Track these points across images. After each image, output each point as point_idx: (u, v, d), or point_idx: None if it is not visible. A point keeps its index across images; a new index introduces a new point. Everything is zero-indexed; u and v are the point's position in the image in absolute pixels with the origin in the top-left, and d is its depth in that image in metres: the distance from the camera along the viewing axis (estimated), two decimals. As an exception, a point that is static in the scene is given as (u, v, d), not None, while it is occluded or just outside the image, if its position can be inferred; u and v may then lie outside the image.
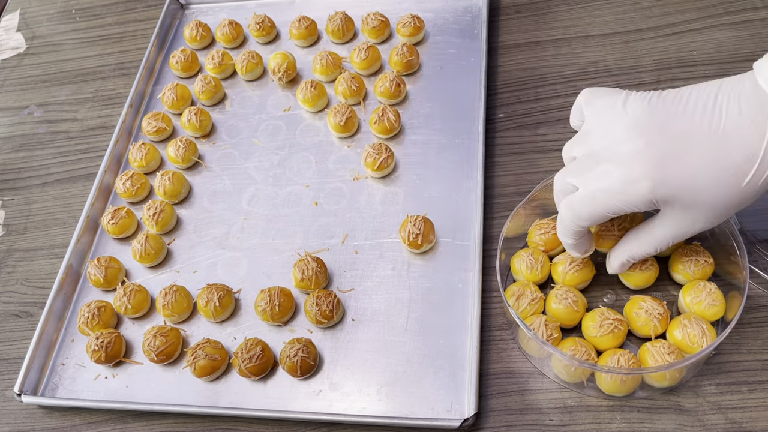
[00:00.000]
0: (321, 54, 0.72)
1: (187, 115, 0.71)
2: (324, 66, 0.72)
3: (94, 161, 0.74)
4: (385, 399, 0.54)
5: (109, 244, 0.67)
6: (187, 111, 0.71)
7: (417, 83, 0.72)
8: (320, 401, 0.54)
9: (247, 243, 0.64)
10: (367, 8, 0.78)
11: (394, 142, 0.68)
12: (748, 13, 0.69)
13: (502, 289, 0.51)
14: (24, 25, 0.91)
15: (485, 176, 0.62)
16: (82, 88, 0.82)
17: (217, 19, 0.82)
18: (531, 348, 0.53)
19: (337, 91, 0.71)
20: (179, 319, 0.60)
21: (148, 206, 0.65)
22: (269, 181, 0.68)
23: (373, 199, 0.65)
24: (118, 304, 0.60)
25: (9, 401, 0.60)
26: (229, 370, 0.57)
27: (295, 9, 0.81)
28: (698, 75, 0.66)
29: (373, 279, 0.60)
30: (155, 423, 0.56)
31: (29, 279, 0.67)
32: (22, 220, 0.72)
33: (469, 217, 0.61)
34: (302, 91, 0.70)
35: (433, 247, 0.60)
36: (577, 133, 0.47)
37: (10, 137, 0.79)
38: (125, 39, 0.85)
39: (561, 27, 0.73)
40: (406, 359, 0.55)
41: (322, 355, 0.57)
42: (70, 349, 0.61)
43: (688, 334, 0.48)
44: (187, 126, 0.71)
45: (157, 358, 0.57)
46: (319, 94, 0.70)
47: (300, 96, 0.70)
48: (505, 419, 0.52)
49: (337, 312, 0.57)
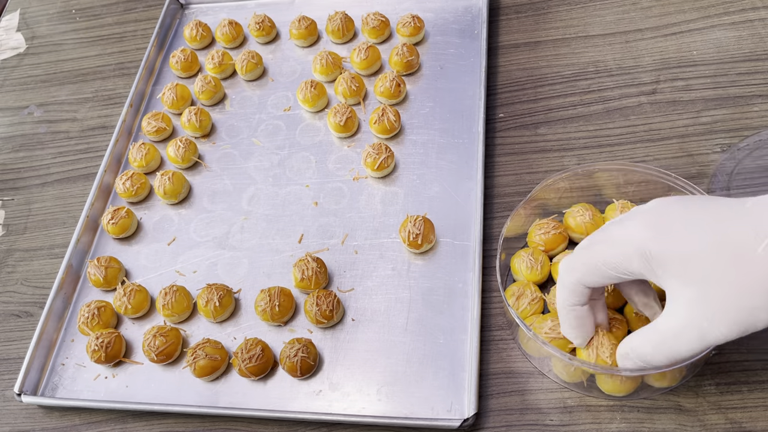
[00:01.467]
0: (321, 54, 0.72)
1: (186, 114, 0.71)
2: (324, 66, 0.72)
3: (94, 161, 0.74)
4: (385, 399, 0.54)
5: (109, 244, 0.67)
6: (187, 111, 0.71)
7: (417, 83, 0.72)
8: (320, 401, 0.54)
9: (247, 243, 0.64)
10: (367, 8, 0.78)
11: (394, 142, 0.68)
12: (748, 13, 0.69)
13: (502, 289, 0.51)
14: (24, 25, 0.91)
15: (485, 176, 0.62)
16: (82, 88, 0.82)
17: (217, 19, 0.82)
18: (531, 348, 0.53)
19: (337, 91, 0.71)
20: (179, 319, 0.60)
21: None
22: (269, 181, 0.68)
23: (373, 199, 0.65)
24: (118, 304, 0.60)
25: (9, 401, 0.60)
26: (229, 370, 0.57)
27: (295, 9, 0.81)
28: (698, 75, 0.66)
29: (373, 279, 0.60)
30: (155, 423, 0.56)
31: (29, 279, 0.67)
32: (22, 220, 0.72)
33: (469, 217, 0.61)
34: (302, 91, 0.70)
35: (433, 247, 0.60)
36: None
37: (10, 137, 0.79)
38: (125, 39, 0.85)
39: (561, 27, 0.73)
40: (406, 359, 0.55)
41: (322, 355, 0.57)
42: (70, 349, 0.61)
43: None
44: (187, 126, 0.71)
45: (157, 358, 0.57)
46: (319, 94, 0.70)
47: (300, 96, 0.70)
48: (505, 419, 0.52)
49: (337, 312, 0.57)
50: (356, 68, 0.72)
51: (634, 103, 0.66)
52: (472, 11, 0.75)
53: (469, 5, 0.76)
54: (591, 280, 0.42)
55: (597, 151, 0.63)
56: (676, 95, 0.65)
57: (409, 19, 0.73)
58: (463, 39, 0.73)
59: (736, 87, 0.65)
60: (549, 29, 0.73)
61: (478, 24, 0.74)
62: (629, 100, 0.66)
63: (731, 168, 0.58)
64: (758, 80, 0.64)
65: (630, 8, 0.73)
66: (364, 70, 0.72)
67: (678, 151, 0.62)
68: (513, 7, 0.76)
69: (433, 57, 0.73)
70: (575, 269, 0.42)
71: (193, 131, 0.71)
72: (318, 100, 0.70)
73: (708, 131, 0.62)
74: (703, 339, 0.38)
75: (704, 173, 0.60)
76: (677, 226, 0.38)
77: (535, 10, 0.75)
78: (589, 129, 0.65)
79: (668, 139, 0.63)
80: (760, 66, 0.65)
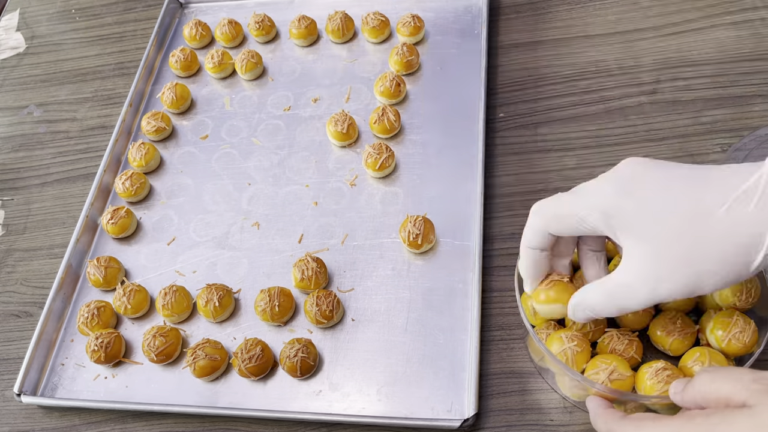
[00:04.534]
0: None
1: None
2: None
3: (94, 161, 0.74)
4: (385, 399, 0.54)
5: (108, 244, 0.67)
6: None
7: (417, 83, 0.72)
8: (320, 401, 0.54)
9: (247, 243, 0.64)
10: (367, 8, 0.78)
11: (394, 142, 0.68)
12: (748, 13, 0.69)
13: (518, 294, 0.49)
14: (24, 25, 0.91)
15: (485, 176, 0.62)
16: (81, 87, 0.82)
17: (217, 19, 0.82)
18: (544, 360, 0.51)
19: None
20: (179, 319, 0.60)
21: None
22: (269, 181, 0.68)
23: (373, 199, 0.65)
24: (117, 304, 0.60)
25: (9, 401, 0.60)
26: (229, 370, 0.57)
27: (294, 8, 0.81)
28: (698, 75, 0.66)
29: (373, 279, 0.60)
30: (155, 423, 0.56)
31: (29, 279, 0.67)
32: (21, 220, 0.72)
33: (469, 217, 0.61)
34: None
35: (433, 247, 0.60)
36: None
37: (9, 137, 0.79)
38: (125, 38, 0.85)
39: (561, 27, 0.73)
40: (406, 359, 0.55)
41: (322, 356, 0.57)
42: (70, 349, 0.61)
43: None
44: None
45: (157, 358, 0.57)
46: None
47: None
48: (505, 419, 0.52)
49: (337, 312, 0.57)
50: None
51: (635, 103, 0.66)
52: (472, 11, 0.75)
53: (469, 5, 0.76)
54: (555, 227, 0.43)
55: (597, 151, 0.63)
56: (676, 95, 0.65)
57: (409, 18, 0.73)
58: (464, 39, 0.73)
59: (736, 87, 0.65)
60: (549, 29, 0.73)
61: (478, 24, 0.74)
62: (629, 100, 0.66)
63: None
64: (758, 80, 0.64)
65: (630, 8, 0.73)
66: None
67: (678, 151, 0.62)
68: (513, 6, 0.76)
69: (433, 57, 0.73)
70: (543, 215, 0.44)
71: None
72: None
73: (708, 131, 0.62)
74: (651, 295, 0.39)
75: (704, 173, 0.60)
76: (642, 185, 0.39)
77: (535, 10, 0.75)
78: (589, 129, 0.65)
79: (668, 139, 0.63)
80: (760, 66, 0.65)
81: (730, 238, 0.36)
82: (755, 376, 0.34)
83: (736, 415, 0.33)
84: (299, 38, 0.76)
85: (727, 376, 0.35)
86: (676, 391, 0.38)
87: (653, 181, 0.39)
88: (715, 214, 0.36)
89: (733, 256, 0.36)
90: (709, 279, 0.37)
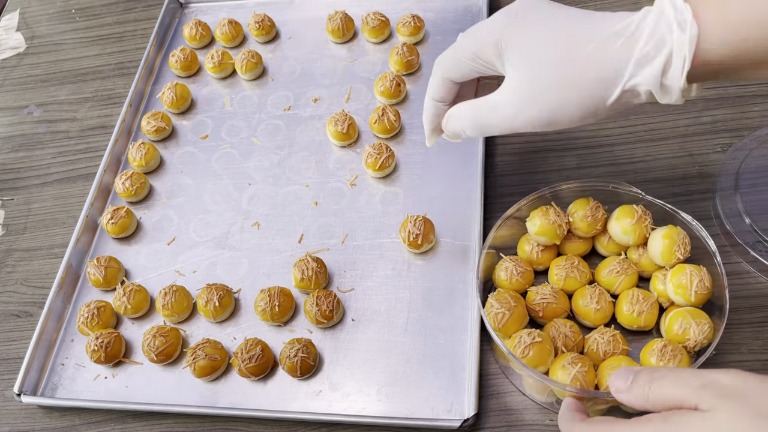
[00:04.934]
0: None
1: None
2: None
3: (94, 161, 0.74)
4: (385, 399, 0.54)
5: (108, 244, 0.67)
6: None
7: (417, 83, 0.72)
8: (320, 401, 0.54)
9: (247, 243, 0.64)
10: (367, 8, 0.78)
11: (394, 142, 0.68)
12: (749, 13, 0.69)
13: (478, 296, 0.50)
14: (24, 25, 0.91)
15: (485, 176, 0.62)
16: (81, 87, 0.82)
17: (217, 18, 0.82)
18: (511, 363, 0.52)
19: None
20: (179, 319, 0.60)
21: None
22: (269, 181, 0.68)
23: (373, 199, 0.65)
24: (117, 304, 0.60)
25: (9, 401, 0.60)
26: (229, 370, 0.57)
27: (294, 8, 0.81)
28: (698, 75, 0.66)
29: (373, 279, 0.60)
30: (155, 423, 0.56)
31: (29, 279, 0.67)
32: (21, 220, 0.72)
33: (469, 217, 0.61)
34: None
35: (433, 247, 0.60)
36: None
37: (9, 137, 0.79)
38: (125, 38, 0.85)
39: (561, 27, 0.73)
40: (406, 359, 0.55)
41: (322, 356, 0.57)
42: (70, 349, 0.61)
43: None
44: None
45: (157, 358, 0.57)
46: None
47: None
48: (505, 419, 0.52)
49: (337, 312, 0.57)
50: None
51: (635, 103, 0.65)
52: (472, 11, 0.75)
53: (469, 5, 0.76)
54: (455, 73, 0.46)
55: (597, 150, 0.63)
56: (676, 95, 0.65)
57: (409, 18, 0.73)
58: (463, 39, 0.73)
59: (736, 87, 0.64)
60: (549, 29, 0.73)
61: (478, 24, 0.74)
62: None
63: (735, 168, 0.58)
64: (758, 80, 0.64)
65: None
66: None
67: (678, 151, 0.62)
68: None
69: (433, 57, 0.72)
70: (443, 65, 0.46)
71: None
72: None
73: (708, 131, 0.62)
74: (514, 118, 0.43)
75: (705, 173, 0.60)
76: (532, 19, 0.42)
77: (535, 10, 0.75)
78: (589, 129, 0.65)
79: (669, 139, 0.63)
80: (760, 66, 0.65)
81: (594, 70, 0.39)
82: (703, 381, 0.34)
83: (692, 419, 0.33)
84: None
85: (675, 381, 0.35)
86: (619, 390, 0.38)
87: (542, 14, 0.42)
88: (585, 47, 0.39)
89: (593, 88, 0.40)
90: (568, 107, 0.41)
